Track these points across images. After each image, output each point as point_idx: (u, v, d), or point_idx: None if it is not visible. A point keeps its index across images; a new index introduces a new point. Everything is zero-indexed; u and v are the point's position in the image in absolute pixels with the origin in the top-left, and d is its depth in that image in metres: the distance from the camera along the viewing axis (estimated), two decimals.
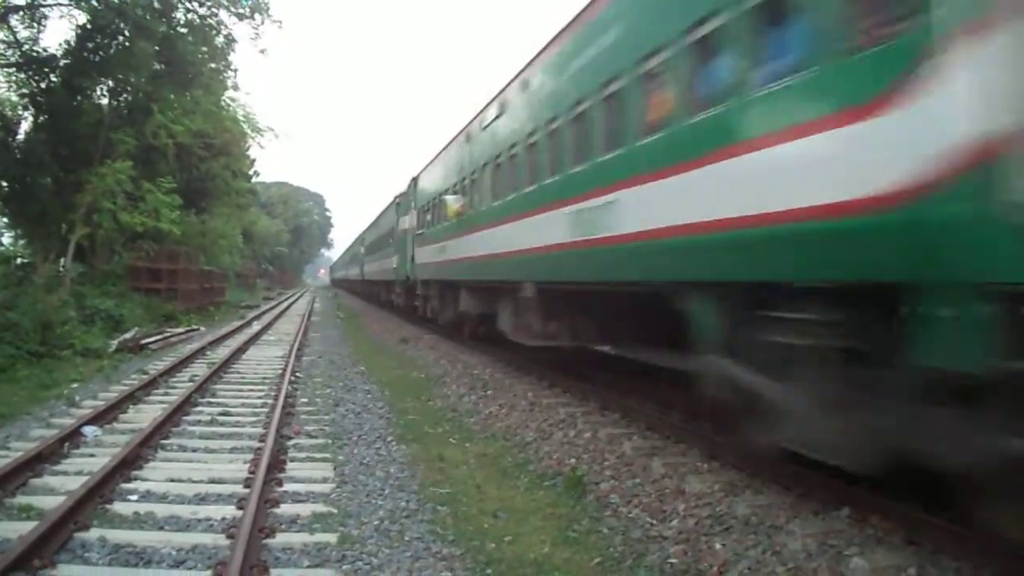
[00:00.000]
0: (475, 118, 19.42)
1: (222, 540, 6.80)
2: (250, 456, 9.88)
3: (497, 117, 17.10)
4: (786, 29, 6.90)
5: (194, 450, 10.41)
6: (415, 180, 30.10)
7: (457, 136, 22.03)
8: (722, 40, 7.83)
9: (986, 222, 4.82)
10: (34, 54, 28.43)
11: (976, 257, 4.98)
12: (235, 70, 36.56)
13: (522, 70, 15.40)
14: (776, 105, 6.91)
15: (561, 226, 12.20)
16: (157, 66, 29.49)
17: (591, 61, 11.54)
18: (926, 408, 5.45)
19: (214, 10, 30.91)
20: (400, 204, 33.97)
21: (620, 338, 13.78)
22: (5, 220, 34.24)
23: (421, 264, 27.16)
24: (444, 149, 24.46)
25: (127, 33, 27.42)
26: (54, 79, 28.56)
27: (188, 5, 30.12)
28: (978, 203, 4.82)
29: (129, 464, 9.11)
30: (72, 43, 28.32)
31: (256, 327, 31.66)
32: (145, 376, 16.22)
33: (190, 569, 6.32)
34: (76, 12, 28.05)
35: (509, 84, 16.23)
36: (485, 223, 17.54)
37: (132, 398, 13.61)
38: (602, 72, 10.95)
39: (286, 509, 7.82)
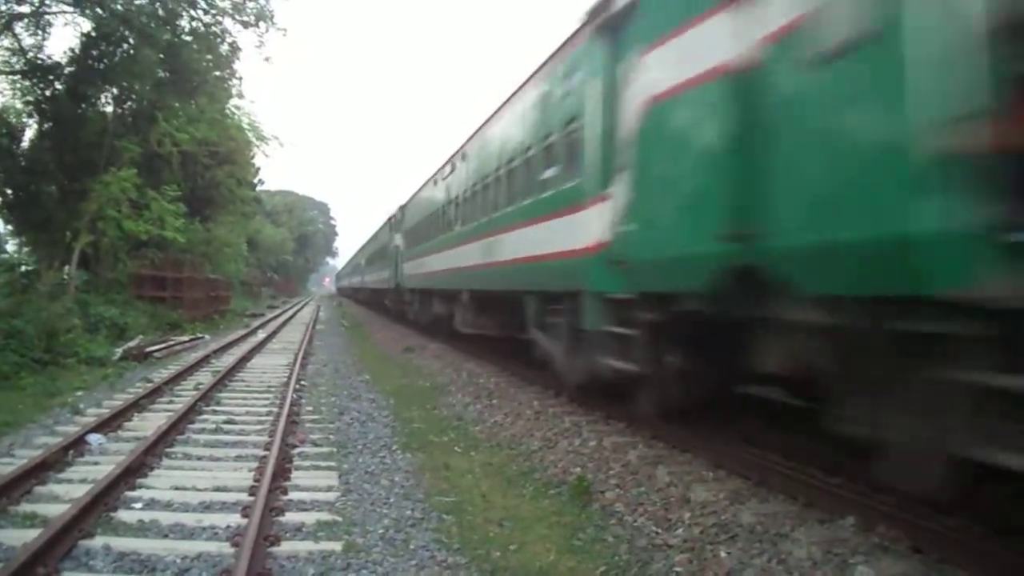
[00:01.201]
0: (443, 166, 25.73)
1: (227, 548, 6.79)
2: (255, 464, 9.87)
3: (450, 172, 23.98)
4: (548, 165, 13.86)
5: (199, 458, 10.41)
6: (403, 208, 36.81)
7: (430, 178, 28.42)
8: (534, 158, 14.64)
9: (604, 265, 10.43)
10: (39, 62, 28.49)
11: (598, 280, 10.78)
12: (240, 78, 36.71)
13: (469, 138, 21.82)
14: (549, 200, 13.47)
15: (478, 252, 18.80)
16: (162, 74, 29.54)
17: (485, 155, 19.15)
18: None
19: (219, 18, 30.92)
20: (393, 224, 39.94)
21: (508, 327, 17.96)
22: (10, 228, 34.33)
23: (407, 275, 33.40)
24: (421, 187, 31.00)
25: (131, 41, 27.48)
26: (59, 87, 28.62)
27: (193, 13, 30.09)
28: (600, 257, 10.63)
29: (134, 472, 9.11)
30: (77, 51, 28.38)
31: (261, 335, 31.68)
32: (150, 384, 16.22)
33: None
34: (81, 20, 28.13)
35: (463, 144, 22.47)
36: (443, 247, 24.01)
37: (137, 406, 13.61)
38: (490, 162, 18.38)
39: (291, 517, 7.81)
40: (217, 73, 33.65)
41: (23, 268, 31.49)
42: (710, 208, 7.57)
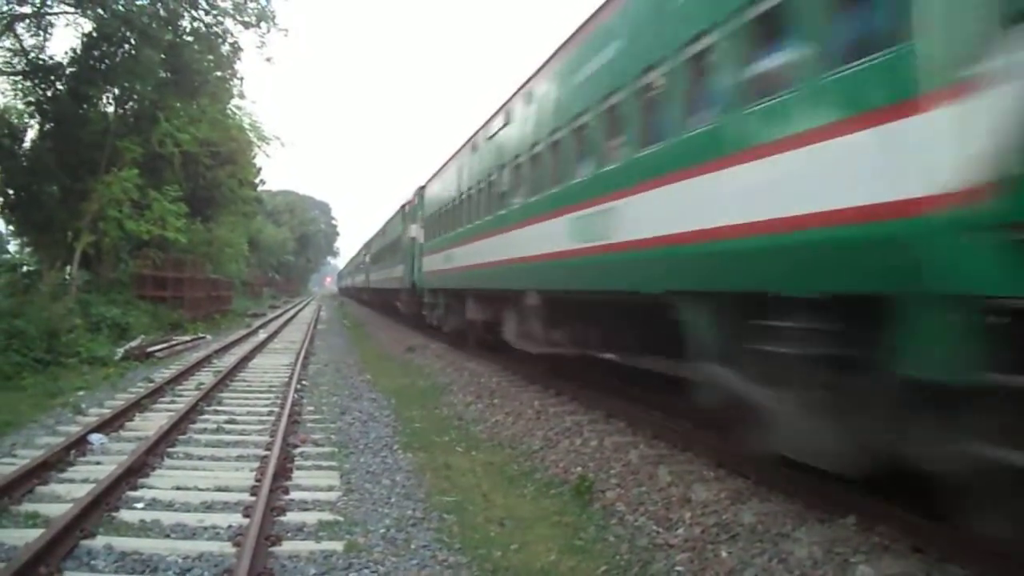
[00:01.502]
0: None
1: (228, 548, 6.80)
2: (256, 464, 9.88)
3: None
4: None
5: (200, 458, 10.43)
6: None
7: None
8: None
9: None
10: (40, 62, 28.46)
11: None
12: (241, 78, 36.54)
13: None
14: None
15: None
16: (163, 74, 29.50)
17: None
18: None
19: (220, 18, 30.85)
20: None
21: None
22: (11, 228, 34.33)
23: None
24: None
25: (133, 41, 27.46)
26: (60, 87, 28.60)
27: (194, 13, 30.05)
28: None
29: (135, 472, 9.11)
30: (78, 51, 28.36)
31: (262, 335, 31.74)
32: (151, 384, 16.24)
33: None
34: (82, 20, 28.10)
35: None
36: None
37: (138, 406, 13.63)
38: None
39: (292, 517, 7.83)
40: (218, 73, 33.56)
41: (25, 268, 31.56)
42: None
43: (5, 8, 26.83)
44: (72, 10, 27.85)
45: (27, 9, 27.67)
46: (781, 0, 6.91)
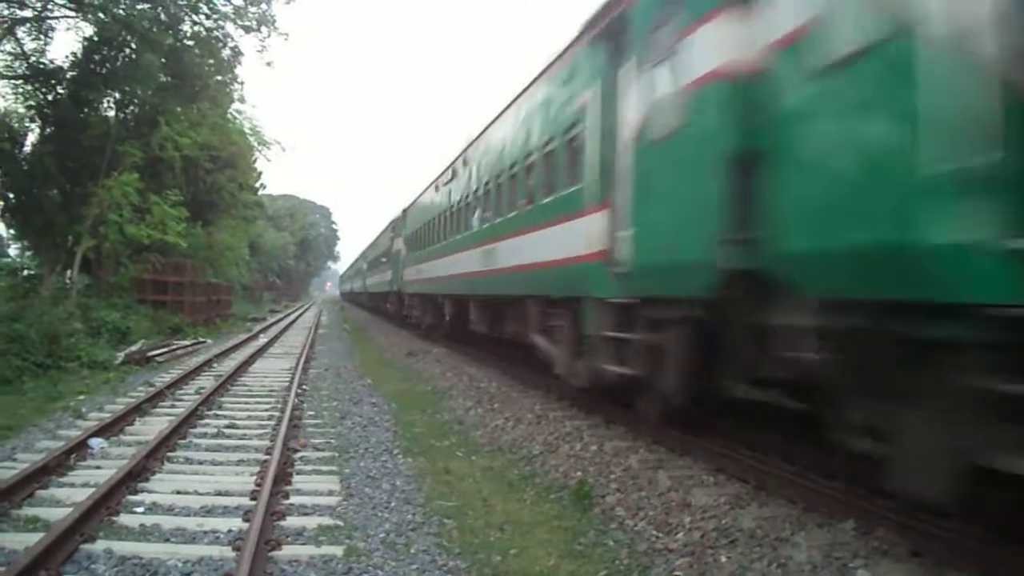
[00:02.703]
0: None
1: (228, 552, 6.80)
2: (256, 468, 9.88)
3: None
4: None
5: (200, 462, 10.42)
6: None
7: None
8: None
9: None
10: (41, 66, 28.55)
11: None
12: (242, 83, 36.61)
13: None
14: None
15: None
16: (164, 78, 29.62)
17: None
18: None
19: (221, 23, 30.97)
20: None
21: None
22: (12, 232, 34.37)
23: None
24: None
25: (134, 45, 27.56)
26: (61, 91, 28.69)
27: (195, 18, 30.17)
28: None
29: (135, 476, 9.12)
30: (79, 55, 28.47)
31: (263, 340, 31.75)
32: (152, 388, 16.25)
33: None
34: (83, 24, 28.24)
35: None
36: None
37: (138, 410, 13.63)
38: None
39: (292, 521, 7.82)
40: (219, 77, 33.67)
41: (25, 272, 31.58)
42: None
43: (6, 12, 26.96)
44: (73, 14, 27.99)
45: (28, 13, 27.77)
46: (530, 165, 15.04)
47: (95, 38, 27.91)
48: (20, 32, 27.99)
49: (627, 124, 10.06)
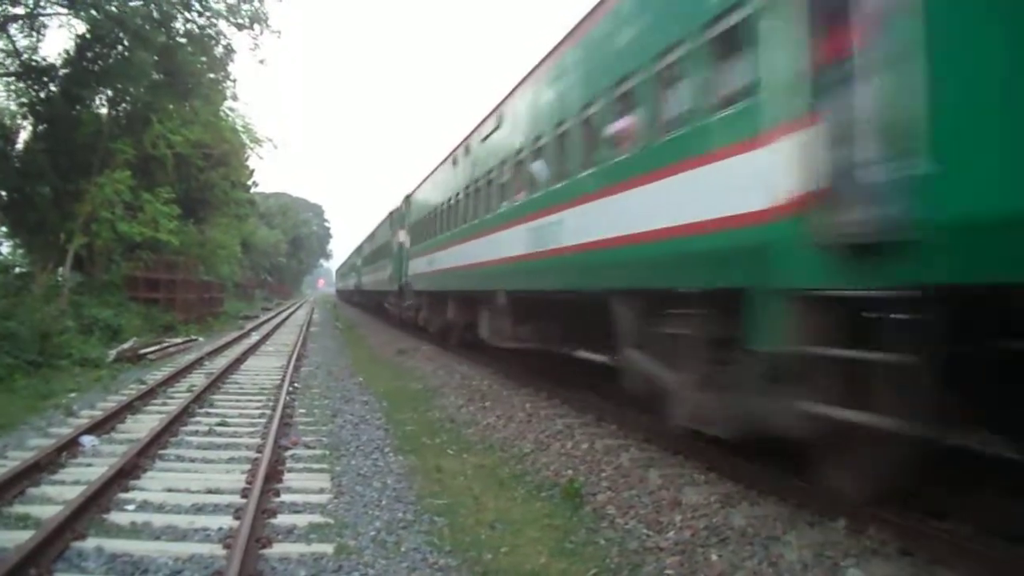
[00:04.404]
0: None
1: (219, 550, 6.79)
2: (247, 467, 9.87)
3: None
4: None
5: (192, 460, 10.40)
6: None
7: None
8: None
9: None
10: (33, 63, 28.45)
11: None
12: (234, 80, 36.55)
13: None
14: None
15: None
16: (156, 76, 29.51)
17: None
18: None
19: (213, 20, 30.93)
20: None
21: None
22: (4, 229, 34.24)
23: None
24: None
25: (126, 43, 27.43)
26: (53, 88, 28.59)
27: (187, 15, 30.10)
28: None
29: (127, 474, 9.10)
30: (71, 53, 28.36)
31: (255, 337, 31.68)
32: (143, 386, 16.21)
33: None
34: (75, 22, 28.11)
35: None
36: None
37: (130, 408, 13.60)
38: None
39: (283, 520, 7.81)
40: (211, 75, 33.60)
41: (17, 270, 31.44)
42: None
43: None
44: (65, 11, 27.86)
45: (20, 10, 27.68)
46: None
47: (88, 35, 27.80)
48: (12, 29, 27.89)
49: None
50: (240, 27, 31.24)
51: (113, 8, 26.75)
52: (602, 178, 10.98)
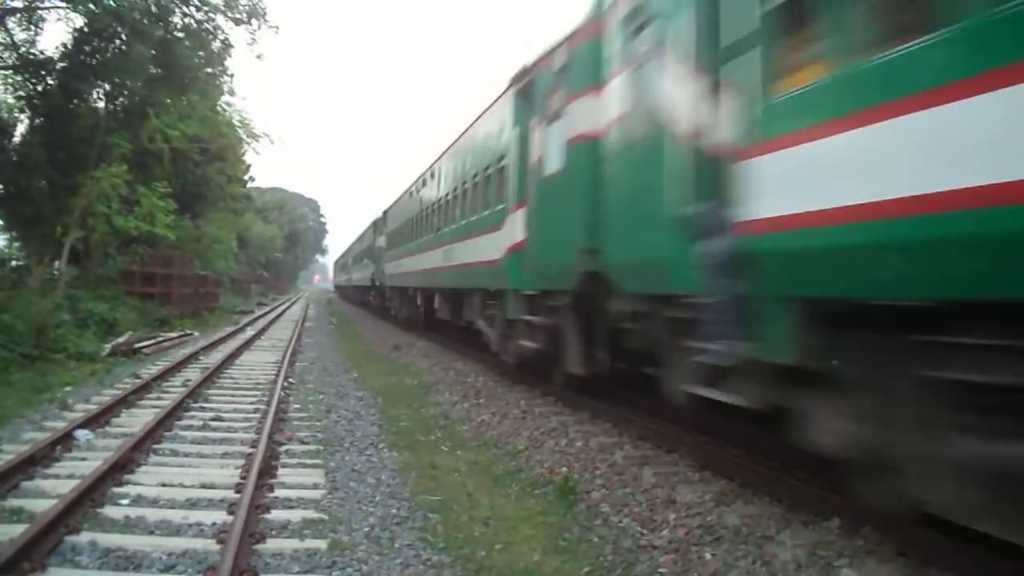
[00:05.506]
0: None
1: (212, 545, 6.80)
2: (242, 462, 9.88)
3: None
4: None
5: (186, 455, 10.41)
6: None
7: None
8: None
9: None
10: (31, 57, 28.36)
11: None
12: (231, 75, 36.48)
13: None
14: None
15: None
16: (153, 70, 29.40)
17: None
18: None
19: (211, 15, 30.85)
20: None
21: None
22: (0, 223, 34.18)
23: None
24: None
25: (124, 37, 27.36)
26: (50, 82, 28.48)
27: (185, 10, 30.00)
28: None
29: (121, 468, 9.10)
30: (69, 46, 28.29)
31: (250, 332, 31.68)
32: (138, 380, 16.19)
33: (180, 574, 6.31)
34: (73, 15, 27.97)
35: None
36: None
37: (125, 402, 13.59)
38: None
39: (277, 515, 7.82)
40: (209, 70, 33.52)
41: (13, 263, 31.40)
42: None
43: None
44: (63, 5, 27.75)
45: (18, 3, 27.63)
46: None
47: (85, 29, 27.70)
48: (10, 22, 27.82)
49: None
50: (238, 22, 31.19)
51: (111, 2, 26.69)
52: (462, 229, 20.06)
